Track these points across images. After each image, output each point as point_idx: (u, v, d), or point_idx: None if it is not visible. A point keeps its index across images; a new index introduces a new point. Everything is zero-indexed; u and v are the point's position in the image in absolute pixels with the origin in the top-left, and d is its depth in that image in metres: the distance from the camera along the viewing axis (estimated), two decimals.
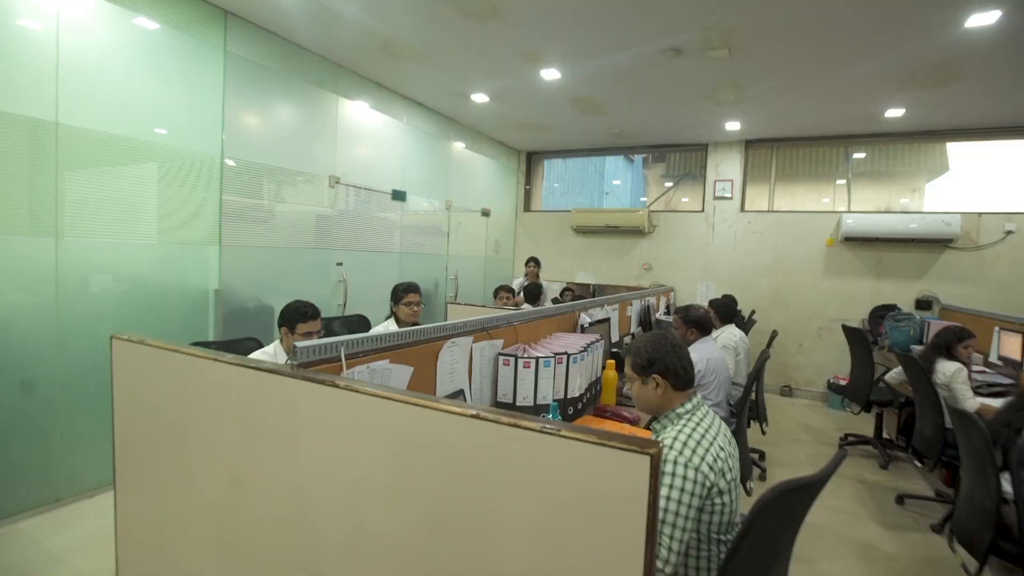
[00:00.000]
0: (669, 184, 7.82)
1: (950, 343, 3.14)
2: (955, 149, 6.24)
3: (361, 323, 3.40)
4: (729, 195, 6.33)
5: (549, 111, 5.49)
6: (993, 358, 4.33)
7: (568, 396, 2.32)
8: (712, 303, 4.04)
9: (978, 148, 6.05)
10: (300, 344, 1.41)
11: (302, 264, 4.12)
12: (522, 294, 4.68)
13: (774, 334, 4.06)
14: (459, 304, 3.10)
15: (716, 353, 2.93)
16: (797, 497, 1.22)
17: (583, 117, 5.63)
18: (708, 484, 1.36)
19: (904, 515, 3.30)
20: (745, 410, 2.74)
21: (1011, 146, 5.75)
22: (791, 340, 6.10)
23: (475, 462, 1.01)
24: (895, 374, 3.85)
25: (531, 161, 7.58)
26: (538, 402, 2.18)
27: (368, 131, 4.75)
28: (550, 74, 4.36)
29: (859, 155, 6.29)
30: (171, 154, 3.21)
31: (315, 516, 1.19)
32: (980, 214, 5.48)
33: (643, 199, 8.13)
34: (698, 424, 1.48)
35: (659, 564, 1.33)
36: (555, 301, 5.16)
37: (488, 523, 0.99)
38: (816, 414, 5.48)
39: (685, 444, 1.40)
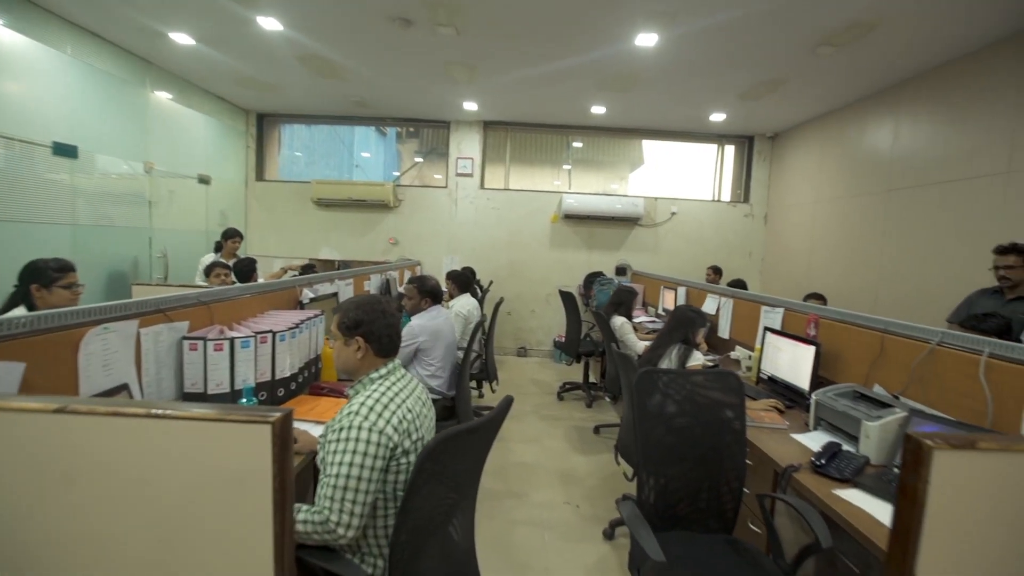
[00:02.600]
0: (419, 159, 7.93)
1: (622, 301, 3.91)
2: (648, 145, 7.77)
3: None
4: (470, 172, 6.72)
5: (276, 68, 4.94)
6: (660, 310, 5.58)
7: (276, 377, 2.13)
8: (449, 275, 4.24)
9: (662, 146, 7.64)
10: None
11: None
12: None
13: (500, 301, 4.49)
14: (149, 284, 2.56)
15: (444, 321, 3.07)
16: (463, 442, 1.32)
17: (318, 80, 5.24)
18: (392, 445, 1.38)
19: (598, 442, 4.03)
20: (467, 371, 2.95)
21: (680, 146, 7.41)
22: (525, 306, 6.87)
23: (68, 465, 0.82)
24: None
25: (263, 124, 6.78)
26: (236, 388, 1.94)
27: (3, 58, 3.53)
28: (269, 23, 3.89)
29: (577, 144, 7.33)
30: None
31: None
32: (656, 199, 6.95)
33: (396, 174, 8.07)
34: (388, 388, 1.49)
35: (341, 531, 1.31)
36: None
37: (96, 532, 0.83)
38: (544, 369, 6.31)
39: (371, 409, 1.40)
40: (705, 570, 1.63)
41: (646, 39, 3.97)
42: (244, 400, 1.88)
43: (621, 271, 6.90)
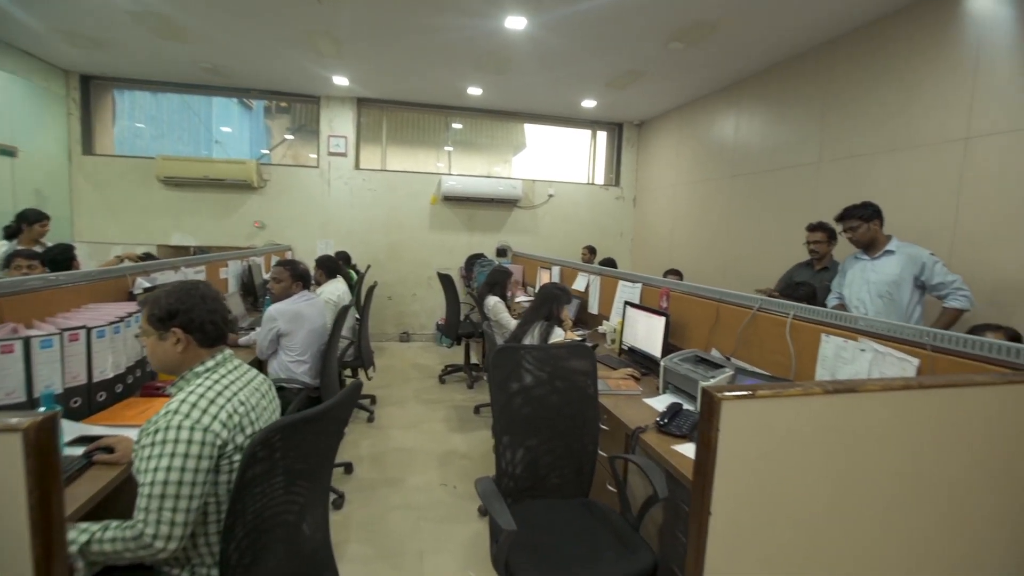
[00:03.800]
0: (289, 136, 7.35)
1: (496, 281, 3.97)
2: (530, 129, 7.86)
3: None
4: (343, 152, 6.36)
5: (101, 22, 4.24)
6: (537, 288, 5.76)
7: (95, 380, 1.85)
8: (317, 261, 4.00)
9: (541, 130, 7.78)
10: None
11: None
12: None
13: (374, 285, 4.33)
14: None
15: (307, 304, 2.90)
16: (301, 432, 1.24)
17: (156, 40, 4.59)
18: (220, 443, 1.26)
19: (478, 421, 4.08)
20: (333, 359, 2.81)
21: (558, 131, 7.60)
22: (407, 290, 6.72)
23: None
24: None
25: (90, 88, 5.82)
26: (36, 394, 1.66)
27: None
28: None
29: (457, 125, 7.24)
30: None
31: None
32: (535, 181, 7.11)
33: (264, 151, 7.43)
34: (216, 382, 1.35)
35: (160, 544, 1.16)
36: None
37: None
38: (427, 353, 6.25)
39: (194, 405, 1.26)
40: (556, 533, 1.71)
41: (515, 22, 3.99)
42: (43, 408, 1.60)
43: (502, 252, 7.00)
